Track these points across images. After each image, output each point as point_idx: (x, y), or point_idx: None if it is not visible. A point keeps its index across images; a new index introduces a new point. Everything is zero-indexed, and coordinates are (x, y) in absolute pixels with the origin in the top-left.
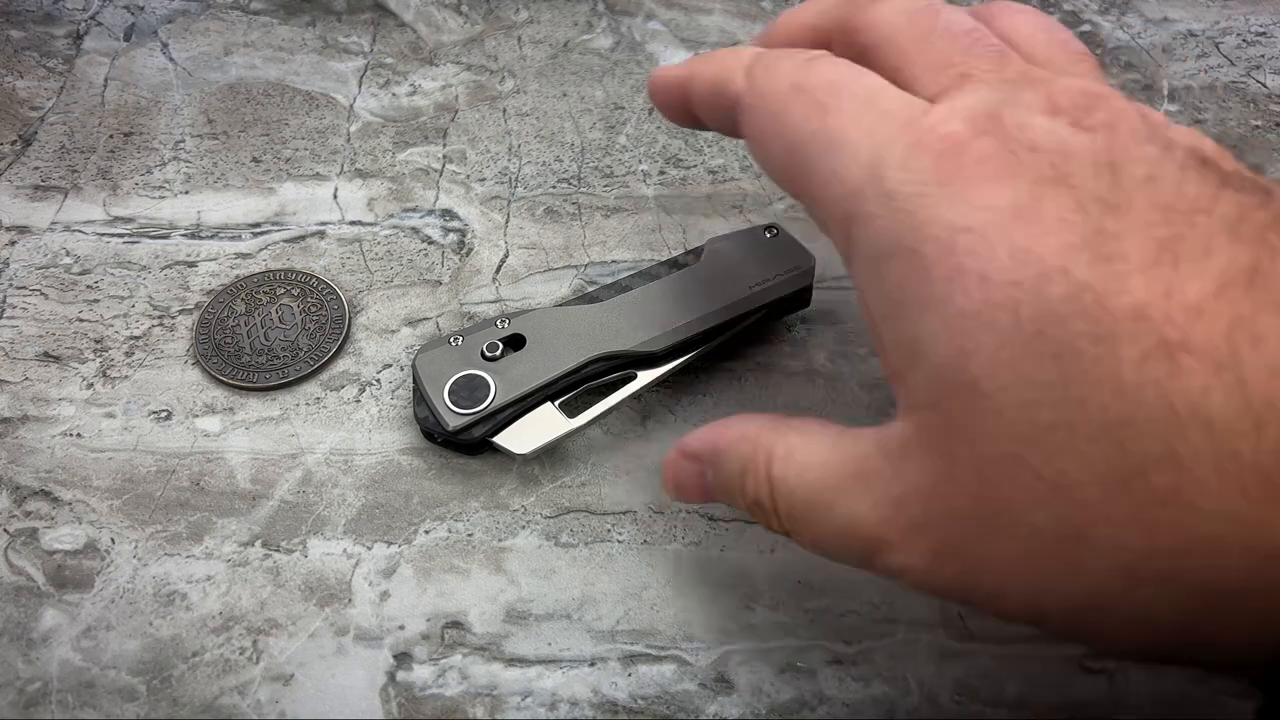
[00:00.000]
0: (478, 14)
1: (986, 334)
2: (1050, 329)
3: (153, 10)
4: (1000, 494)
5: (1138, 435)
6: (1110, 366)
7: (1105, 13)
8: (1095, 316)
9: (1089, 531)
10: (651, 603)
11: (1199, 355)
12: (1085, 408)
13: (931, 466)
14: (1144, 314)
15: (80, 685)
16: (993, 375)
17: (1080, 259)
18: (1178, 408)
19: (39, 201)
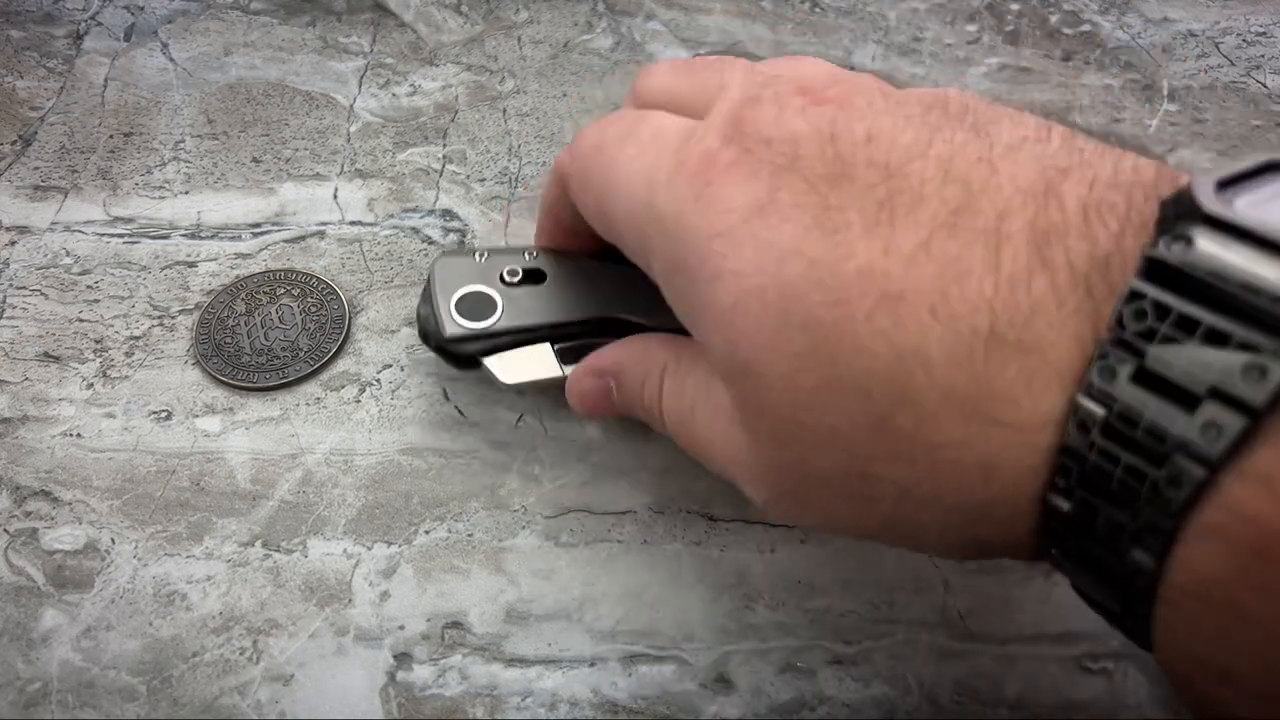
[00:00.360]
0: (478, 14)
1: (745, 322)
2: (794, 305)
3: (153, 10)
4: (795, 452)
5: (879, 383)
6: (847, 326)
7: (1105, 13)
8: (827, 285)
9: (867, 470)
10: (652, 603)
11: (914, 301)
12: (835, 367)
13: (745, 435)
14: (867, 273)
15: (80, 685)
16: (758, 356)
17: (811, 238)
18: (903, 352)
19: (39, 201)
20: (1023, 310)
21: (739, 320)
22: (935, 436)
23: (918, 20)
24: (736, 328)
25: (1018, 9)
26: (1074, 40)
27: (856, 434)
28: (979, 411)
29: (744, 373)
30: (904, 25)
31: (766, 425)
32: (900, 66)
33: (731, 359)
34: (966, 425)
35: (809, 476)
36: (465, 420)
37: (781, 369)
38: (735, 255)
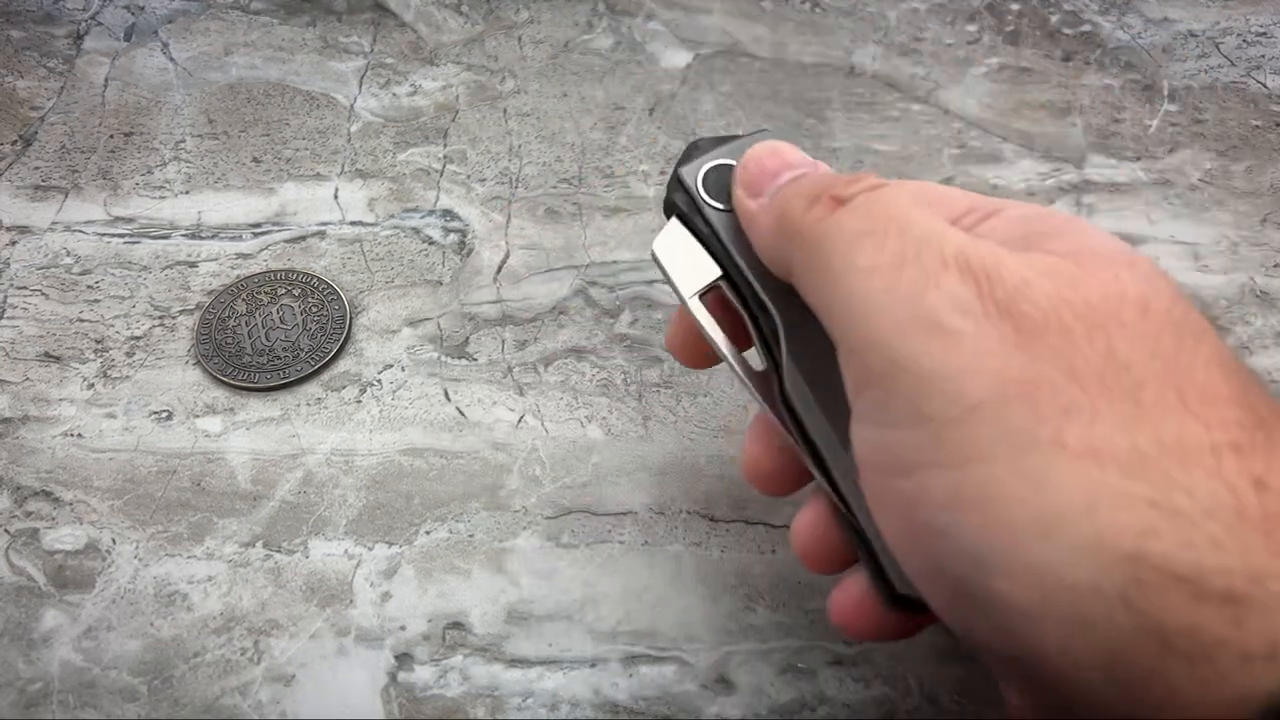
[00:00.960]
0: (478, 14)
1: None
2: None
3: (153, 10)
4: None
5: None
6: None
7: (1105, 13)
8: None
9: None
10: (652, 604)
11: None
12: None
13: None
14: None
15: (81, 685)
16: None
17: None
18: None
19: (39, 201)
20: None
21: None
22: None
23: (918, 20)
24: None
25: (1018, 9)
26: (1074, 40)
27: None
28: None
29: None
30: (904, 25)
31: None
32: (900, 66)
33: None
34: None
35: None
36: (466, 421)
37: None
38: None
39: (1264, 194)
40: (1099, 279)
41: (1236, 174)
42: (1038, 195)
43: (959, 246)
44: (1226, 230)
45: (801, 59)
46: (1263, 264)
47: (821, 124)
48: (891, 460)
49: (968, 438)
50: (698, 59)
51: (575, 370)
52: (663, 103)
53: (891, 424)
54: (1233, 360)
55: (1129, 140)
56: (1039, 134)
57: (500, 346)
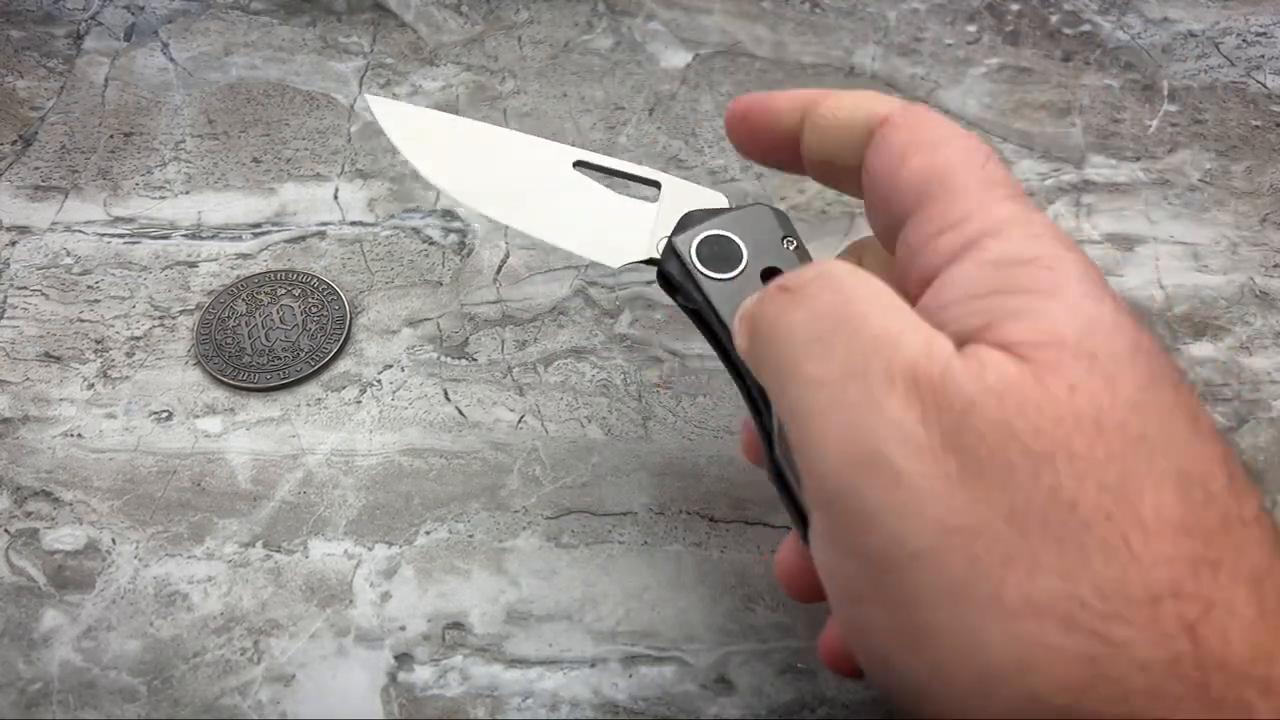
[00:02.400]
0: (478, 14)
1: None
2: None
3: (153, 10)
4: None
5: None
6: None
7: (1105, 13)
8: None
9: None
10: (652, 604)
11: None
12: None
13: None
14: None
15: (81, 686)
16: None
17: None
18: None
19: (39, 202)
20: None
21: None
22: None
23: (918, 20)
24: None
25: (1018, 9)
26: (1074, 40)
27: None
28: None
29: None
30: (904, 25)
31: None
32: (900, 67)
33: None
34: None
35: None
36: (466, 421)
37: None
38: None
39: (1264, 194)
40: (1051, 395)
41: (1236, 174)
42: (1038, 195)
43: (909, 359)
44: (1226, 230)
45: (801, 59)
46: (1263, 264)
47: None
48: (841, 586)
49: (907, 583)
50: (698, 59)
51: (575, 370)
52: (663, 103)
53: (839, 551)
54: (1196, 461)
55: (1129, 140)
56: (1039, 134)
57: (500, 346)
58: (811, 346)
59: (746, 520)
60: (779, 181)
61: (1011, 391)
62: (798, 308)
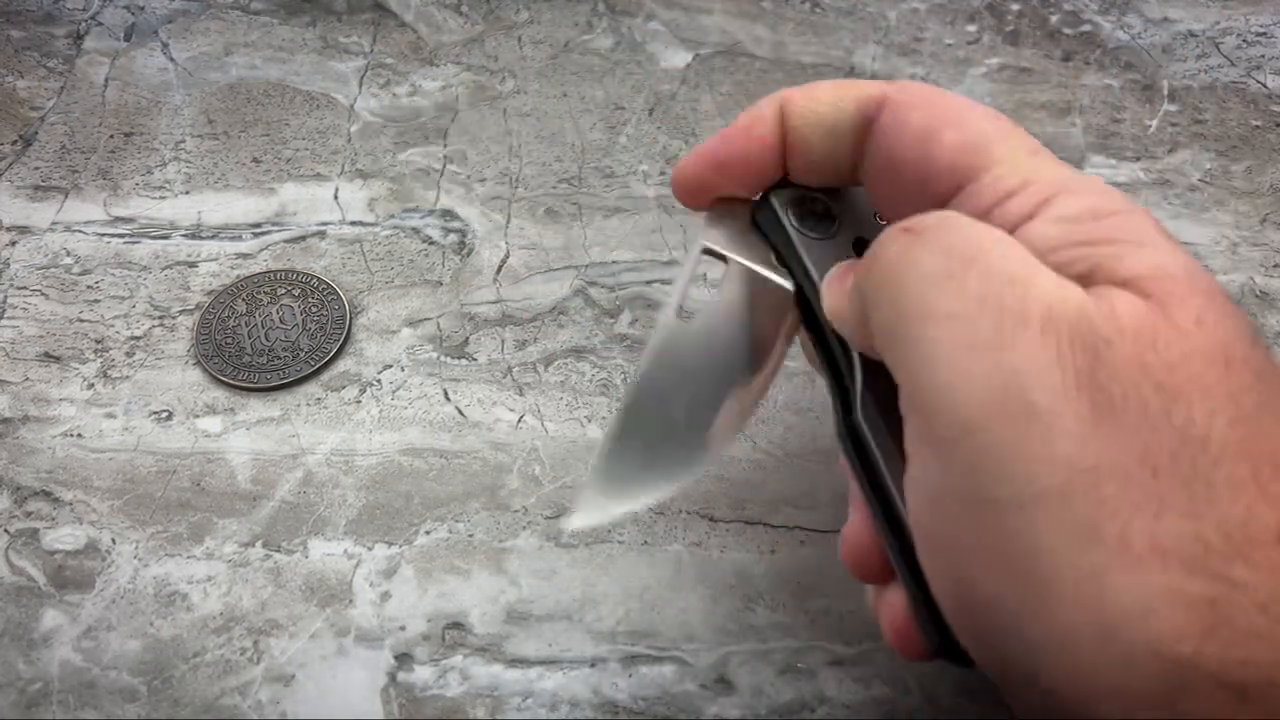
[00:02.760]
0: (478, 14)
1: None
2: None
3: (153, 10)
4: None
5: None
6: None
7: (1105, 13)
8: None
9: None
10: (652, 603)
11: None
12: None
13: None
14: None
15: (81, 686)
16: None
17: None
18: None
19: (39, 201)
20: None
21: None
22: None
23: (918, 20)
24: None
25: (1018, 9)
26: (1074, 40)
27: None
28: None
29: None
30: (904, 25)
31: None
32: (900, 66)
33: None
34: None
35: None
36: (466, 421)
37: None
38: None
39: (1264, 194)
40: (1180, 329)
41: (1236, 174)
42: None
43: (1044, 297)
44: (1226, 230)
45: (801, 59)
46: (1263, 264)
47: None
48: (948, 530)
49: (1030, 527)
50: (698, 59)
51: (575, 370)
52: (663, 103)
53: (951, 495)
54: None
55: (1129, 140)
56: (1039, 134)
57: (500, 346)
58: (943, 282)
59: (746, 520)
60: None
61: (1144, 328)
62: (925, 246)
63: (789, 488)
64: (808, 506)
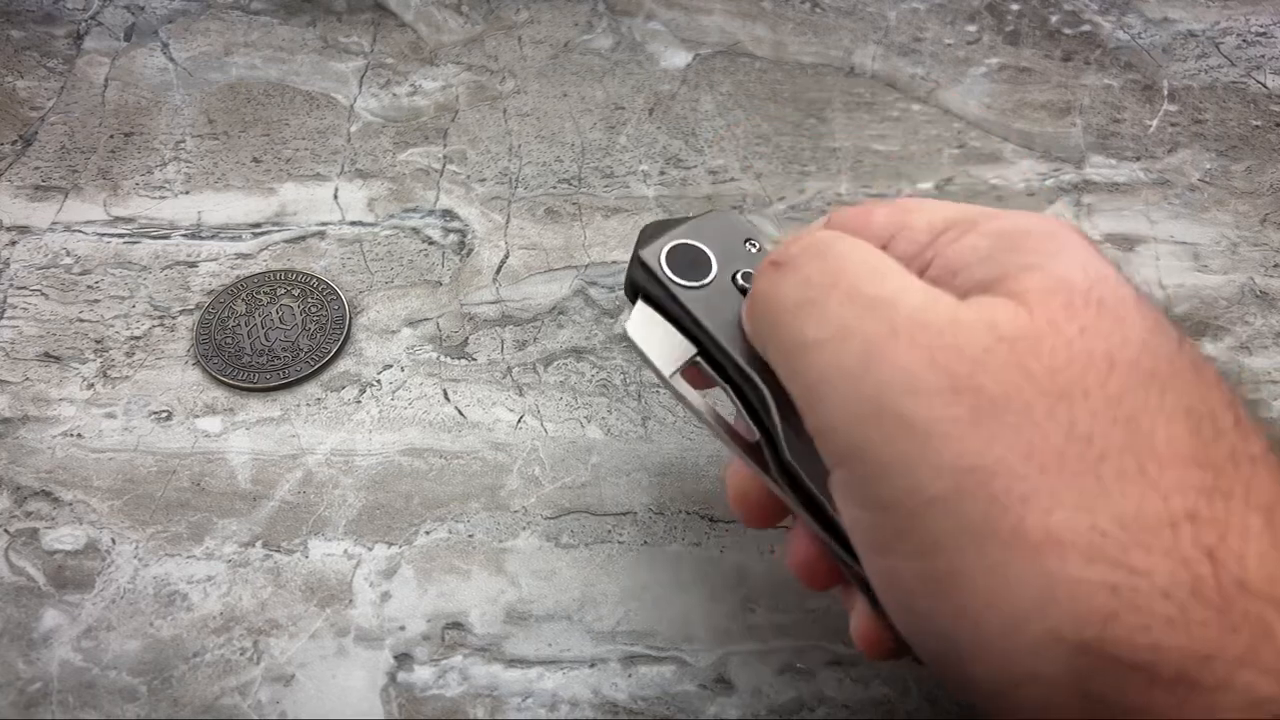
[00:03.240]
0: (478, 14)
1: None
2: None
3: (153, 10)
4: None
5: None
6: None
7: (1105, 13)
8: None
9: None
10: (652, 604)
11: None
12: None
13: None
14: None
15: (81, 686)
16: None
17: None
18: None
19: (39, 201)
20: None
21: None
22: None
23: (918, 20)
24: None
25: (1018, 9)
26: (1074, 40)
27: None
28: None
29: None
30: (904, 25)
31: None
32: (900, 67)
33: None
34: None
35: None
36: (465, 421)
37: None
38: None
39: (1264, 194)
40: (1064, 338)
41: (1236, 174)
42: (1037, 195)
43: (909, 311)
44: (1226, 230)
45: (801, 59)
46: (1263, 264)
47: (821, 124)
48: (866, 538)
49: (928, 530)
50: (697, 59)
51: (575, 370)
52: (662, 103)
53: (860, 504)
54: (1203, 400)
55: (1129, 140)
56: (1039, 134)
57: (500, 346)
58: (806, 310)
59: None
60: (780, 181)
61: (1023, 336)
62: (788, 277)
63: None
64: None
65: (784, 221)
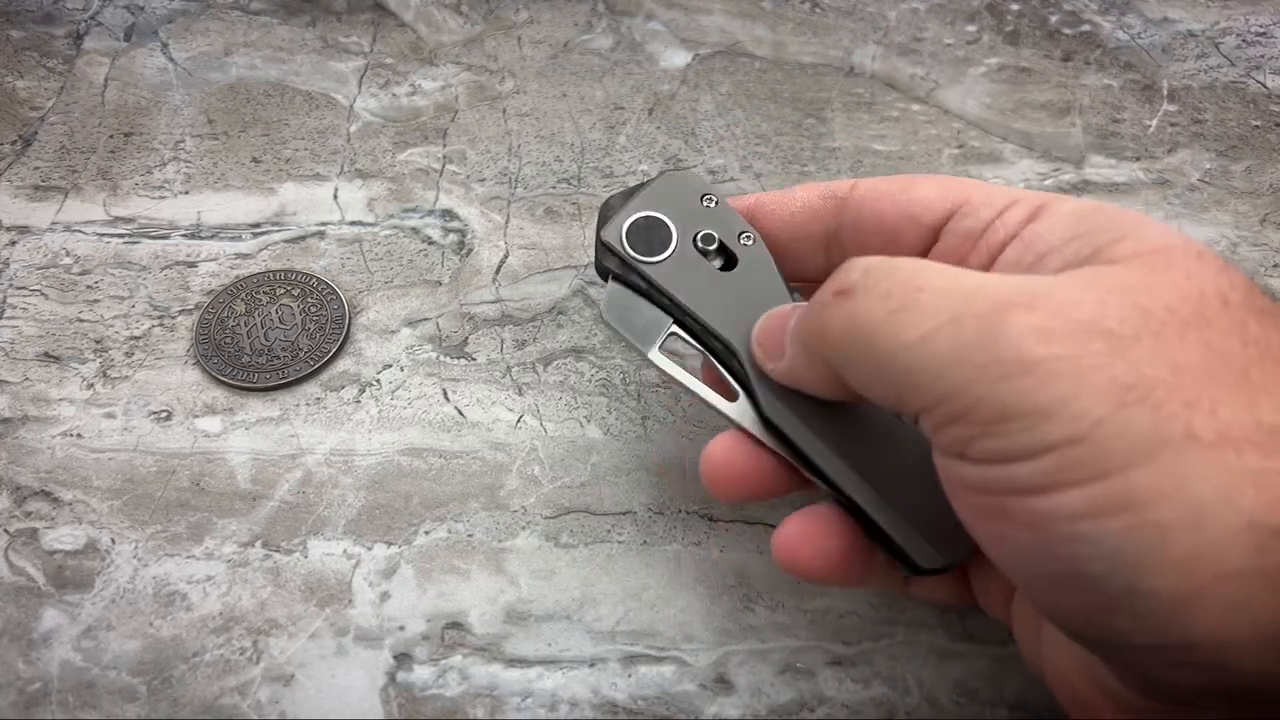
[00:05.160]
0: (478, 14)
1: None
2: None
3: (153, 10)
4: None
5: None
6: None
7: (1105, 13)
8: None
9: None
10: (651, 603)
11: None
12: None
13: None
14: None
15: (81, 685)
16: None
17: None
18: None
19: (39, 202)
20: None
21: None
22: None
23: (918, 20)
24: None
25: (1018, 9)
26: (1074, 40)
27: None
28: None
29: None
30: (904, 25)
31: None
32: (900, 66)
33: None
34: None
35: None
36: (465, 420)
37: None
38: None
39: (1264, 194)
40: (1172, 280)
41: (1236, 174)
42: None
43: (1013, 286)
44: (1226, 230)
45: (801, 59)
46: (1262, 264)
47: (821, 124)
48: (1011, 487)
49: (1098, 453)
50: (697, 59)
51: (574, 370)
52: (662, 103)
53: (1006, 458)
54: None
55: (1128, 140)
56: (1039, 134)
57: (499, 346)
58: (899, 317)
59: (746, 520)
60: (780, 181)
61: (1134, 284)
62: (864, 298)
63: None
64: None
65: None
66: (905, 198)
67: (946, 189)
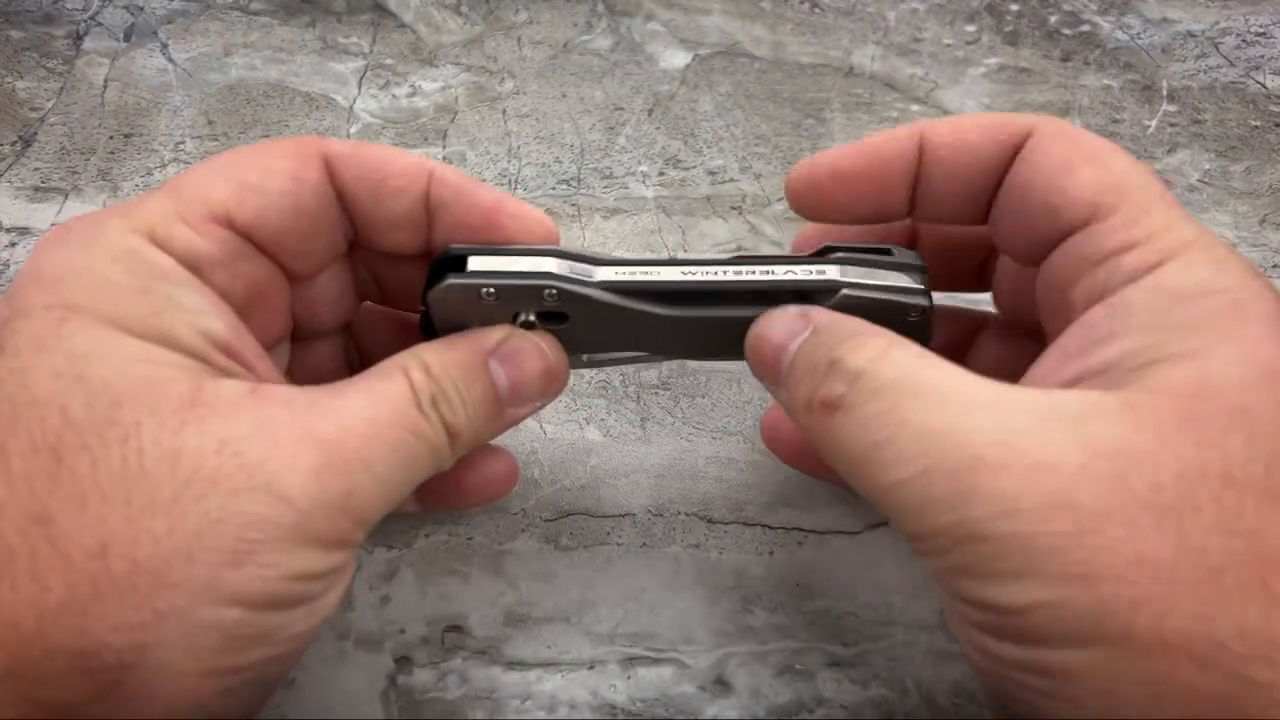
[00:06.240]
0: (478, 15)
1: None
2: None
3: (153, 11)
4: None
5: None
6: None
7: (1105, 13)
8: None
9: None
10: (650, 605)
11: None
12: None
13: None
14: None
15: None
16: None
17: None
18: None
19: (39, 203)
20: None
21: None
22: None
23: (917, 20)
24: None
25: (1017, 9)
26: (1074, 40)
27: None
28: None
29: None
30: (903, 25)
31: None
32: (899, 67)
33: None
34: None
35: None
36: None
37: None
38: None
39: (1263, 194)
40: (1179, 450)
41: (1235, 174)
42: None
43: (992, 434)
44: (1225, 231)
45: (800, 59)
46: (1262, 264)
47: (820, 124)
48: (968, 616)
49: (1034, 628)
50: (697, 59)
51: (573, 371)
52: (662, 103)
53: (962, 596)
54: None
55: (1128, 140)
56: None
57: None
58: (876, 454)
59: (745, 522)
60: (779, 181)
61: (1122, 453)
62: (844, 423)
63: (787, 489)
64: (806, 508)
65: (783, 222)
66: (1058, 186)
67: (1095, 191)
